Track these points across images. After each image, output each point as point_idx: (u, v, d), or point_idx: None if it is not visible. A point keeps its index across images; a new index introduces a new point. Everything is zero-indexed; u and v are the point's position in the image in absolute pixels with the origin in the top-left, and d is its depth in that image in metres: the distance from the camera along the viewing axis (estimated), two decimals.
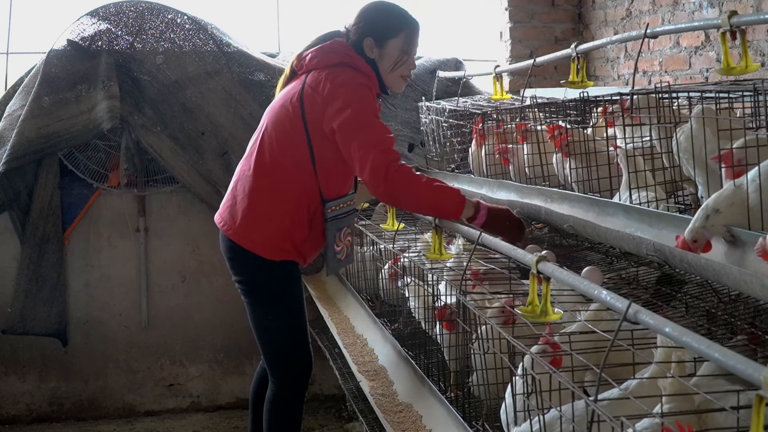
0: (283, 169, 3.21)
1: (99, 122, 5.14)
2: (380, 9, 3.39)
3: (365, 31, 3.30)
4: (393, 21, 3.35)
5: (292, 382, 3.39)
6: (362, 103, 3.13)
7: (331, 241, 3.24)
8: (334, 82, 3.16)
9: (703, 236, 2.08)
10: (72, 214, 5.37)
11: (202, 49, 5.37)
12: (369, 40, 3.29)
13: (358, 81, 3.20)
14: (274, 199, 3.22)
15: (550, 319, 2.16)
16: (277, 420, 3.36)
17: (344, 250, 3.32)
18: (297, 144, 3.20)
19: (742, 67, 2.22)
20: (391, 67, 3.32)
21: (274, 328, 3.33)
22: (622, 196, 2.88)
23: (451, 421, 2.81)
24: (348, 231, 3.31)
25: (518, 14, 6.08)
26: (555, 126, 3.22)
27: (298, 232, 3.23)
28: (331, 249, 3.26)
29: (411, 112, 5.71)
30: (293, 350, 3.36)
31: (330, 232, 3.24)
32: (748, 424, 1.24)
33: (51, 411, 5.43)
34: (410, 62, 3.39)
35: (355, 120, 3.09)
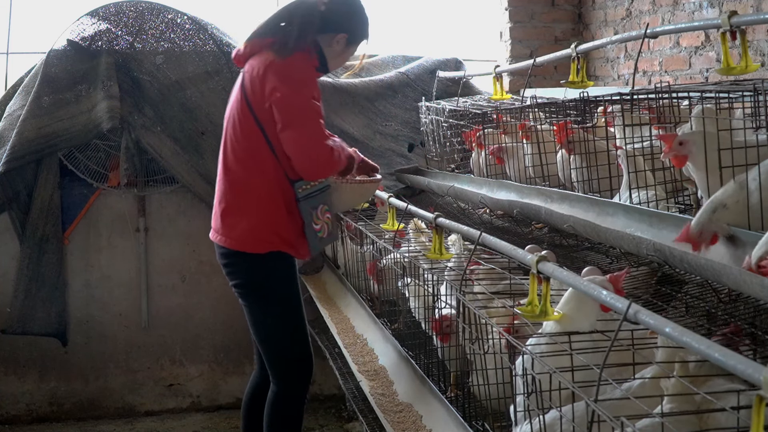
0: (245, 163, 3.26)
1: (99, 122, 5.14)
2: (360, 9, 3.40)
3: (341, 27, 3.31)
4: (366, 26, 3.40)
5: (293, 381, 3.38)
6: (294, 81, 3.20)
7: (308, 220, 3.27)
8: (265, 63, 3.21)
9: (709, 230, 2.08)
10: (72, 214, 5.37)
11: (202, 49, 5.37)
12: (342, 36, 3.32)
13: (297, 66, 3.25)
14: (246, 194, 3.26)
15: (550, 319, 2.16)
16: (278, 420, 3.36)
17: (325, 228, 3.33)
18: (251, 134, 3.23)
19: (742, 67, 2.23)
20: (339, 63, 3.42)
21: (273, 326, 3.33)
22: (622, 196, 2.88)
23: (451, 421, 2.81)
24: (325, 208, 3.32)
25: (518, 14, 6.08)
26: (562, 124, 3.22)
27: (278, 220, 3.25)
28: (309, 227, 3.27)
29: (411, 112, 5.71)
30: (293, 349, 3.36)
31: (304, 210, 3.26)
32: (749, 424, 1.24)
33: (51, 411, 5.43)
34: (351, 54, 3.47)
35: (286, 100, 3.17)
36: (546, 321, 2.18)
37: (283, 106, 3.15)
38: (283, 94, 3.15)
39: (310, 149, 3.18)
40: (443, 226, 3.21)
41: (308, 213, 3.27)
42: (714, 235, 2.11)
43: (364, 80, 5.78)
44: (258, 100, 3.20)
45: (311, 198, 3.28)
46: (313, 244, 3.31)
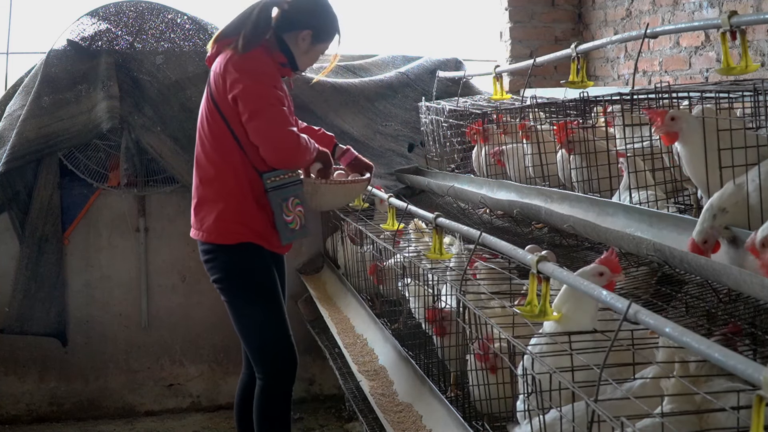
0: (213, 157, 3.33)
1: (99, 122, 5.14)
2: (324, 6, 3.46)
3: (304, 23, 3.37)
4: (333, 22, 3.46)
5: (278, 374, 3.39)
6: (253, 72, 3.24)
7: (277, 211, 3.31)
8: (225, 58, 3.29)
9: (712, 236, 2.08)
10: (72, 214, 5.37)
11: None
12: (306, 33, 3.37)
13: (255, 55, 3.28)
14: (213, 187, 3.33)
15: (549, 319, 2.16)
16: (267, 414, 3.39)
17: (297, 220, 3.36)
18: (217, 129, 3.30)
19: (742, 67, 2.23)
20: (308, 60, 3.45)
21: (252, 320, 3.36)
22: (621, 195, 2.88)
23: (451, 421, 2.81)
24: (296, 201, 3.35)
25: (518, 14, 6.08)
26: (562, 124, 3.22)
27: (246, 211, 3.30)
28: (279, 218, 3.32)
29: (411, 112, 5.71)
30: (275, 342, 3.38)
31: (274, 201, 3.30)
32: (748, 424, 1.24)
33: (51, 411, 5.42)
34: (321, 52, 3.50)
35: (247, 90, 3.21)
36: (544, 321, 2.18)
37: (244, 96, 3.21)
38: (244, 85, 3.21)
39: (275, 136, 3.23)
40: (443, 226, 3.22)
41: (278, 204, 3.31)
42: (717, 241, 2.11)
43: (364, 80, 5.78)
44: (221, 94, 3.28)
45: (280, 189, 3.31)
46: (284, 234, 3.34)
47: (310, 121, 5.62)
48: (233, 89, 3.23)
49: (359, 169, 3.68)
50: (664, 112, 2.37)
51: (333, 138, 3.77)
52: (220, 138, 3.31)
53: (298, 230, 3.38)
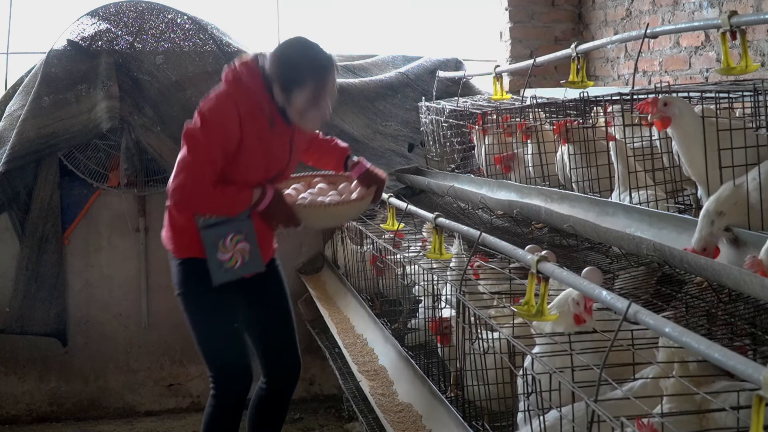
0: None
1: (98, 122, 5.14)
2: (290, 57, 3.16)
3: (273, 78, 3.14)
4: (300, 71, 3.13)
5: (224, 389, 3.32)
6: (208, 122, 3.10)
7: (210, 250, 3.17)
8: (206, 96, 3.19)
9: (711, 243, 2.08)
10: (72, 214, 5.37)
11: (202, 49, 5.37)
12: (276, 87, 3.15)
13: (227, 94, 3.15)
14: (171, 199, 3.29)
15: (546, 320, 2.16)
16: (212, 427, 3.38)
17: (237, 258, 3.21)
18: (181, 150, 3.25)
19: (742, 67, 2.23)
20: (299, 113, 3.17)
21: (199, 332, 3.31)
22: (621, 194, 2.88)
23: (451, 421, 2.81)
24: (237, 238, 3.20)
25: (518, 14, 6.08)
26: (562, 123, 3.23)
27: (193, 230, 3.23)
28: (212, 257, 3.18)
29: (411, 112, 5.71)
30: (221, 356, 3.29)
31: (207, 240, 3.18)
32: (748, 424, 1.24)
33: (51, 411, 5.42)
34: (321, 109, 3.20)
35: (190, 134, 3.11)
36: (542, 321, 2.18)
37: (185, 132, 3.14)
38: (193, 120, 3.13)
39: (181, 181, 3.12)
40: (443, 226, 3.22)
41: (212, 243, 3.17)
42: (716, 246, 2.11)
43: (364, 80, 5.79)
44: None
45: (215, 227, 3.18)
46: (217, 274, 3.19)
47: None
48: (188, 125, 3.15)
49: (368, 182, 3.45)
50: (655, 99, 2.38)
51: (346, 150, 3.58)
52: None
53: (238, 268, 3.21)
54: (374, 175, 3.47)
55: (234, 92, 3.15)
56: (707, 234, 2.08)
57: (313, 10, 6.34)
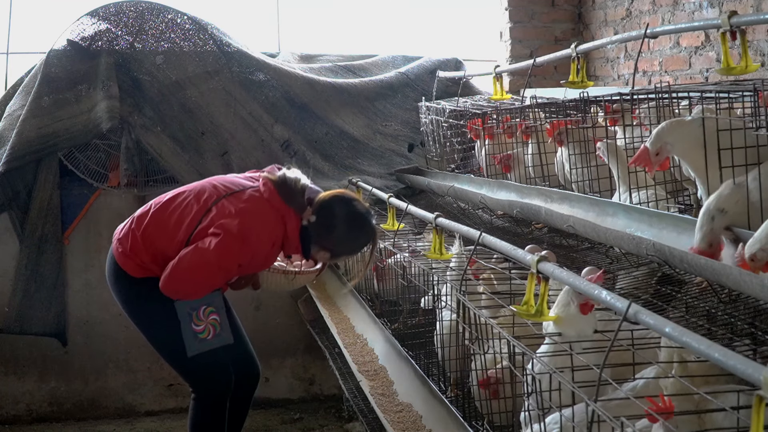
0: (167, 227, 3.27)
1: (98, 122, 5.14)
2: (352, 235, 3.29)
3: (324, 243, 3.26)
4: (357, 249, 3.35)
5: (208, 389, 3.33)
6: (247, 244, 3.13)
7: (185, 321, 3.18)
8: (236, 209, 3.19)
9: (716, 239, 2.08)
10: (72, 214, 5.36)
11: (202, 49, 5.37)
12: (324, 252, 3.29)
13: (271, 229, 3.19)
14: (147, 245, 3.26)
15: (545, 320, 2.16)
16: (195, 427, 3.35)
17: (210, 330, 3.22)
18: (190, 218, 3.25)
19: (742, 67, 2.23)
20: (323, 259, 3.38)
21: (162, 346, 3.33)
22: (621, 195, 2.88)
23: (451, 421, 2.81)
24: (210, 309, 3.22)
25: (518, 14, 6.08)
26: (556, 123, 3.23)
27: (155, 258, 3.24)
28: (187, 329, 3.18)
29: (411, 112, 5.71)
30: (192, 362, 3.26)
31: (181, 312, 3.18)
32: (748, 424, 1.24)
33: (51, 411, 5.42)
34: (366, 263, 3.49)
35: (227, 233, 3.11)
36: (541, 321, 2.18)
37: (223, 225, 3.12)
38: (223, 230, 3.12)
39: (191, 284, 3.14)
40: (443, 226, 3.21)
41: (186, 314, 3.18)
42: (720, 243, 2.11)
43: (364, 80, 5.78)
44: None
45: (188, 300, 3.19)
46: (192, 345, 3.19)
47: (310, 121, 5.64)
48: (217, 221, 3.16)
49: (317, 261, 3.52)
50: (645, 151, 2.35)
51: None
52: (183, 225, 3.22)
53: (210, 339, 3.22)
54: None
55: (278, 225, 3.20)
56: (708, 231, 2.08)
57: (313, 10, 6.34)
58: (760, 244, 1.84)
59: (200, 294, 3.17)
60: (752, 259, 1.84)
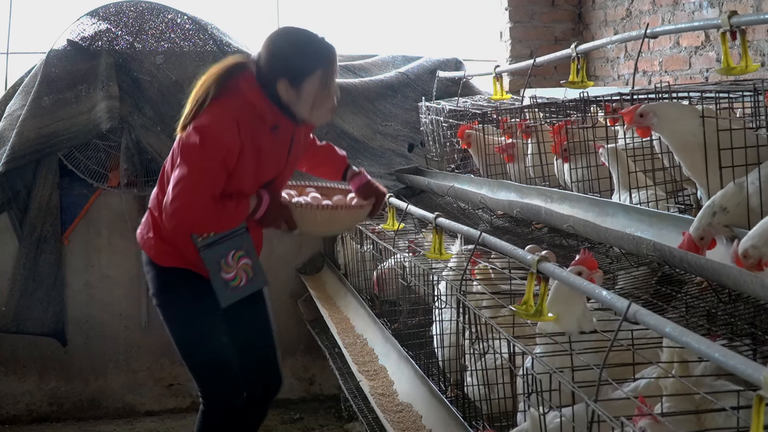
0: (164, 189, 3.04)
1: (98, 122, 5.14)
2: (292, 46, 2.99)
3: (278, 72, 2.94)
4: (307, 58, 2.96)
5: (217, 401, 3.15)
6: (206, 135, 2.89)
7: (213, 269, 2.99)
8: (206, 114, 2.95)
9: (709, 233, 2.08)
10: (72, 214, 5.37)
11: (202, 49, 5.37)
12: (283, 82, 2.94)
13: (223, 113, 2.92)
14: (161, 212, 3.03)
15: (545, 320, 2.16)
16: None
17: (241, 276, 3.04)
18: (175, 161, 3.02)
19: (742, 67, 2.23)
20: (310, 105, 2.98)
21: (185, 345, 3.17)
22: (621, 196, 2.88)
23: (451, 421, 2.81)
24: (240, 254, 3.03)
25: (518, 14, 6.08)
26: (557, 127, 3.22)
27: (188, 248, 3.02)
28: (216, 278, 3.00)
29: (411, 112, 5.71)
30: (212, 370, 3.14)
31: (208, 260, 2.99)
32: (748, 424, 1.24)
33: (51, 411, 5.42)
34: (333, 95, 3.03)
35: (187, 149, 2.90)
36: (540, 321, 2.18)
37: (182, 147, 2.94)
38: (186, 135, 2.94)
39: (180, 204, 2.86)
40: (443, 226, 3.22)
41: (214, 262, 2.99)
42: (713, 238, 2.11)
43: (364, 80, 5.79)
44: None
45: (214, 246, 2.99)
46: (223, 294, 3.02)
47: None
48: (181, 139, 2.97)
49: (367, 195, 3.26)
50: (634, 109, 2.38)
51: (345, 159, 3.39)
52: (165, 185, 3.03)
53: (243, 286, 3.05)
54: (374, 187, 3.28)
55: (230, 102, 2.94)
56: (706, 224, 2.09)
57: (313, 10, 6.34)
58: (752, 240, 1.85)
59: (204, 216, 2.90)
60: (745, 255, 1.84)
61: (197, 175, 2.87)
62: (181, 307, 3.13)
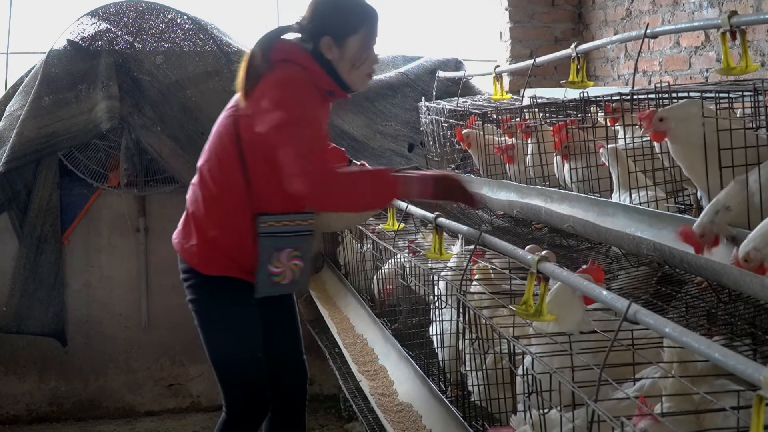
0: (215, 178, 2.98)
1: (98, 122, 5.14)
2: (337, 3, 3.03)
3: (322, 30, 2.94)
4: (352, 16, 3.00)
5: (238, 413, 3.09)
6: (291, 106, 2.84)
7: (264, 259, 2.92)
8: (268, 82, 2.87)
9: (711, 231, 2.07)
10: (72, 214, 5.37)
11: (202, 49, 5.37)
12: (327, 39, 2.93)
13: (291, 77, 2.89)
14: (209, 210, 2.98)
15: (544, 320, 2.16)
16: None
17: (287, 274, 2.97)
18: (227, 153, 2.96)
19: (742, 67, 2.23)
20: (351, 65, 2.98)
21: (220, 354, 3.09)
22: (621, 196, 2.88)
23: (451, 421, 2.81)
24: (295, 254, 2.96)
25: (518, 14, 6.08)
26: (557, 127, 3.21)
27: (237, 246, 2.95)
28: (263, 268, 2.94)
29: (411, 112, 5.72)
30: (239, 380, 3.08)
31: (264, 248, 2.92)
32: (748, 424, 1.24)
33: (51, 411, 5.43)
34: (373, 58, 3.05)
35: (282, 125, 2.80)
36: (540, 321, 2.18)
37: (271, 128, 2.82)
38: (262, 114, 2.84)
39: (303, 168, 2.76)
40: (443, 226, 3.21)
41: (267, 252, 2.93)
42: (716, 237, 2.10)
43: None
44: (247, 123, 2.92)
45: (276, 237, 2.94)
46: (262, 285, 2.96)
47: None
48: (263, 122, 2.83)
49: None
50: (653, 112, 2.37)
51: (344, 153, 3.42)
52: (228, 169, 2.96)
53: (285, 284, 2.99)
54: None
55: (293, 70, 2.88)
56: (708, 221, 2.08)
57: None
58: (753, 243, 1.84)
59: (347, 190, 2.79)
60: (746, 259, 1.83)
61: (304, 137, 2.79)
62: (224, 318, 3.05)
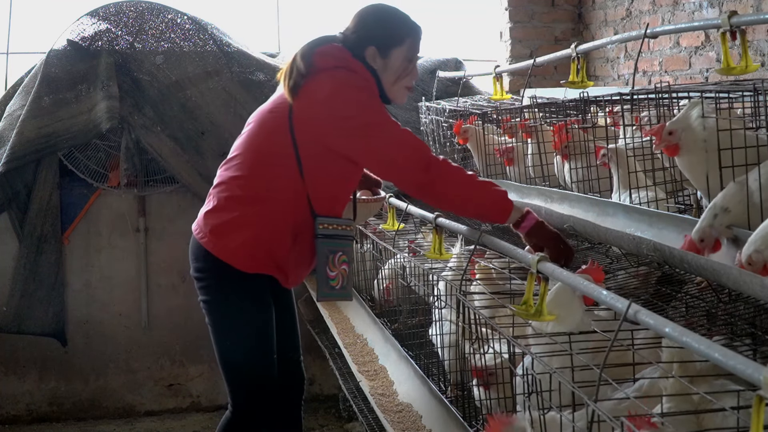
0: (262, 175, 2.92)
1: (98, 122, 5.14)
2: (383, 15, 3.15)
3: (367, 40, 3.04)
4: (397, 28, 3.14)
5: (248, 414, 3.02)
6: (371, 105, 2.91)
7: (322, 261, 2.92)
8: (333, 86, 2.90)
9: (710, 235, 2.07)
10: (72, 214, 5.37)
11: (202, 49, 5.37)
12: (372, 49, 3.03)
13: (358, 84, 2.94)
14: (253, 206, 2.90)
15: (544, 320, 2.16)
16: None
17: (339, 279, 2.97)
18: (282, 152, 2.89)
19: (742, 67, 2.23)
20: (395, 77, 3.07)
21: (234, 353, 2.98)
22: (621, 196, 2.88)
23: (451, 421, 2.81)
24: (343, 257, 2.97)
25: (518, 14, 6.09)
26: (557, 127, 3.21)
27: (278, 243, 2.90)
28: (322, 271, 2.93)
29: (411, 112, 5.71)
30: (253, 382, 3.00)
31: (321, 250, 2.92)
32: (748, 425, 1.24)
33: (51, 411, 5.43)
34: (414, 72, 3.17)
35: (372, 123, 2.86)
36: (540, 321, 2.18)
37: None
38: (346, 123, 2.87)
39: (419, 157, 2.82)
40: (443, 226, 3.21)
41: (325, 254, 2.92)
42: (717, 240, 2.10)
43: None
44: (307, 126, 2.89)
45: (331, 240, 2.93)
46: (323, 290, 2.95)
47: None
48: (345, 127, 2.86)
49: (369, 185, 3.38)
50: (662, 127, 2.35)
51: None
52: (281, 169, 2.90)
53: (338, 290, 2.98)
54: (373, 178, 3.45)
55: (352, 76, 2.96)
56: (707, 225, 2.08)
57: (313, 10, 6.33)
58: (754, 246, 1.84)
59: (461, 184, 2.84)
60: (749, 262, 1.83)
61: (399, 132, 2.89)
62: (244, 318, 2.97)
